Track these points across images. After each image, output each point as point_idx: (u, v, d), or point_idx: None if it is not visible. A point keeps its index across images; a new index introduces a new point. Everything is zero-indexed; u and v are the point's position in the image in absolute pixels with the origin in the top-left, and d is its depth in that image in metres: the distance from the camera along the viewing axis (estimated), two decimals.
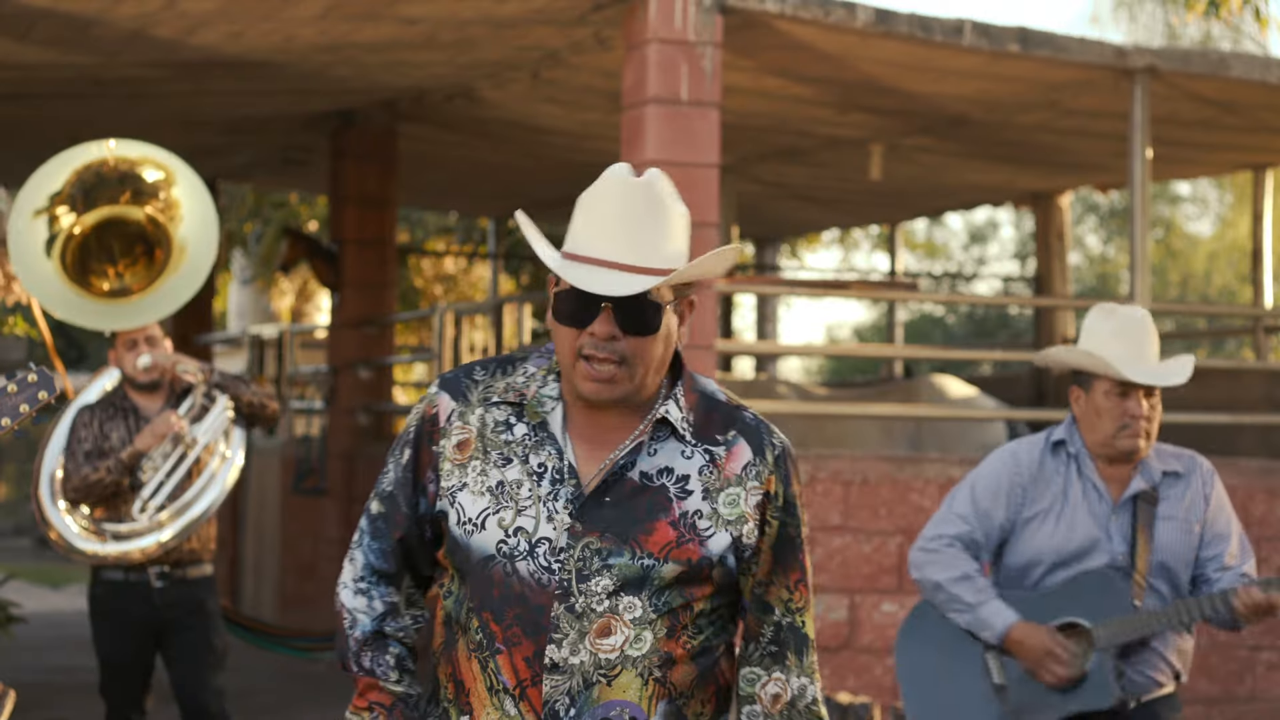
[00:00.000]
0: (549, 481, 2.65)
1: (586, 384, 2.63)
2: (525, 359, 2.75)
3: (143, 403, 6.31)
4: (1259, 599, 4.22)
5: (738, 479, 2.69)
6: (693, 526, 2.65)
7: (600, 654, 2.61)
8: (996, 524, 4.55)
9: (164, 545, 6.14)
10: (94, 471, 6.14)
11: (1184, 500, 4.45)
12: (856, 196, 13.64)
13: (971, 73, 8.95)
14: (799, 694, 2.74)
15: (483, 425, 2.70)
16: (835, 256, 31.64)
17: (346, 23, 8.41)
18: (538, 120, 10.56)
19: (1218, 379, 10.48)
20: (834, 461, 8.02)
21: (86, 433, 6.24)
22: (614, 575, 2.61)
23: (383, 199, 11.69)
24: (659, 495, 2.65)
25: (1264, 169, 11.25)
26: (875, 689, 7.93)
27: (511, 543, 2.63)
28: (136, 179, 6.53)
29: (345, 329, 11.71)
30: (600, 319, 2.60)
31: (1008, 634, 4.46)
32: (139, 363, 6.24)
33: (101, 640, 6.33)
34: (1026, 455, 4.57)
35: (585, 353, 2.62)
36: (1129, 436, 4.42)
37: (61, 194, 6.45)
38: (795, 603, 2.74)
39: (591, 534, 2.63)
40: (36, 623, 11.97)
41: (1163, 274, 28.31)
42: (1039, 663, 4.44)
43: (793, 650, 2.74)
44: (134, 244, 6.62)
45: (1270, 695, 8.40)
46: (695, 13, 7.74)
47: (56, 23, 8.26)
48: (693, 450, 2.69)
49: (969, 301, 22.78)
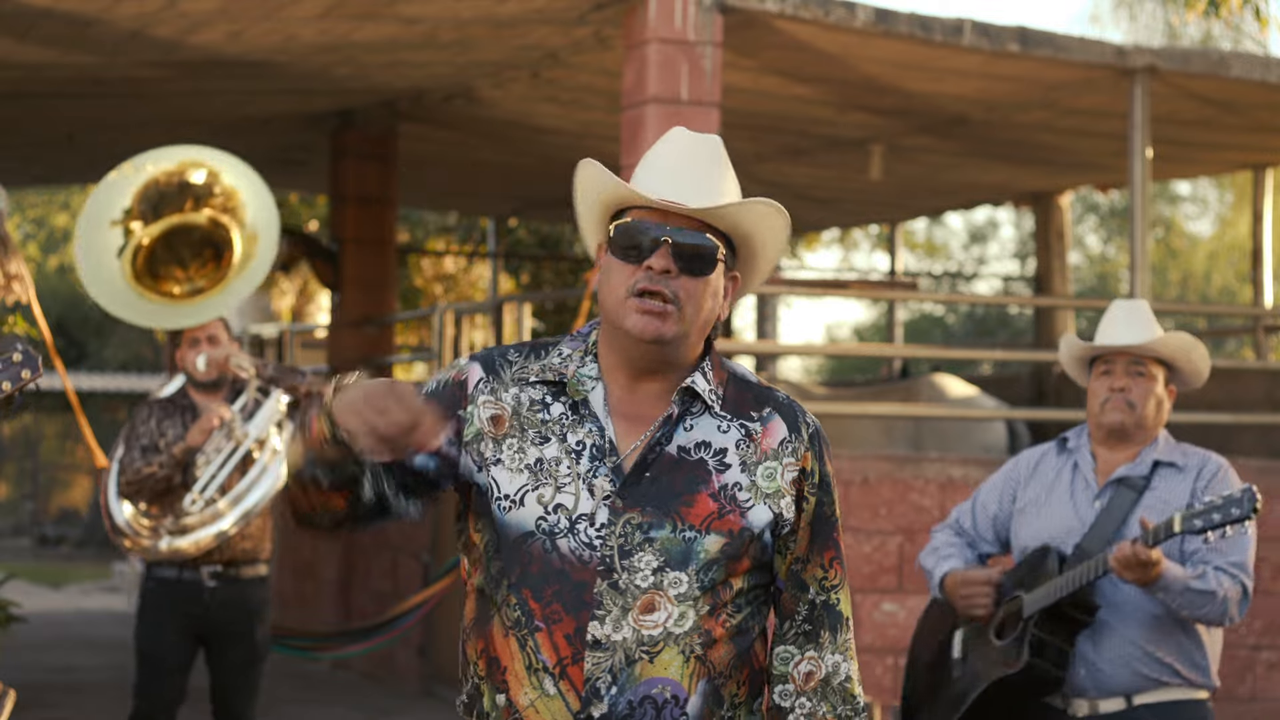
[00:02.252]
0: (588, 459, 2.66)
1: (637, 319, 2.64)
2: (558, 343, 2.77)
3: (202, 401, 6.37)
4: (1127, 552, 4.20)
5: (774, 453, 2.71)
6: (733, 498, 2.67)
7: (644, 630, 2.61)
8: (990, 515, 4.66)
9: (223, 535, 6.17)
10: (147, 466, 6.19)
11: (1170, 492, 4.45)
12: (856, 196, 13.64)
13: (971, 72, 8.95)
14: (833, 671, 2.75)
15: (518, 404, 2.70)
16: (835, 256, 31.65)
17: (346, 23, 8.41)
18: (538, 120, 10.56)
19: (1218, 379, 10.46)
20: (834, 461, 8.02)
21: (145, 428, 6.31)
22: (657, 550, 2.62)
23: (383, 199, 11.69)
24: (698, 468, 2.67)
25: (1264, 169, 11.25)
26: (875, 689, 7.93)
27: (551, 520, 2.63)
28: (189, 185, 6.73)
29: (345, 329, 11.71)
30: (659, 253, 2.65)
31: (943, 583, 4.59)
32: (199, 362, 6.32)
33: (145, 635, 6.30)
34: (1030, 454, 4.67)
35: (640, 288, 2.64)
36: (1110, 410, 4.48)
37: (132, 210, 6.68)
38: (830, 580, 2.76)
39: (632, 510, 2.63)
40: (36, 623, 11.97)
41: (1163, 274, 28.31)
42: (960, 596, 4.54)
43: (827, 628, 2.75)
44: (201, 248, 6.81)
45: (1270, 695, 8.40)
46: (695, 12, 7.74)
47: (56, 23, 8.26)
48: (728, 425, 2.71)
49: (969, 301, 22.79)
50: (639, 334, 2.65)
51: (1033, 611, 4.40)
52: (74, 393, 6.73)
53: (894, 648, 8.00)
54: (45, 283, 24.83)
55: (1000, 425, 10.42)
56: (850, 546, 7.98)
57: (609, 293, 2.68)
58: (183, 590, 6.24)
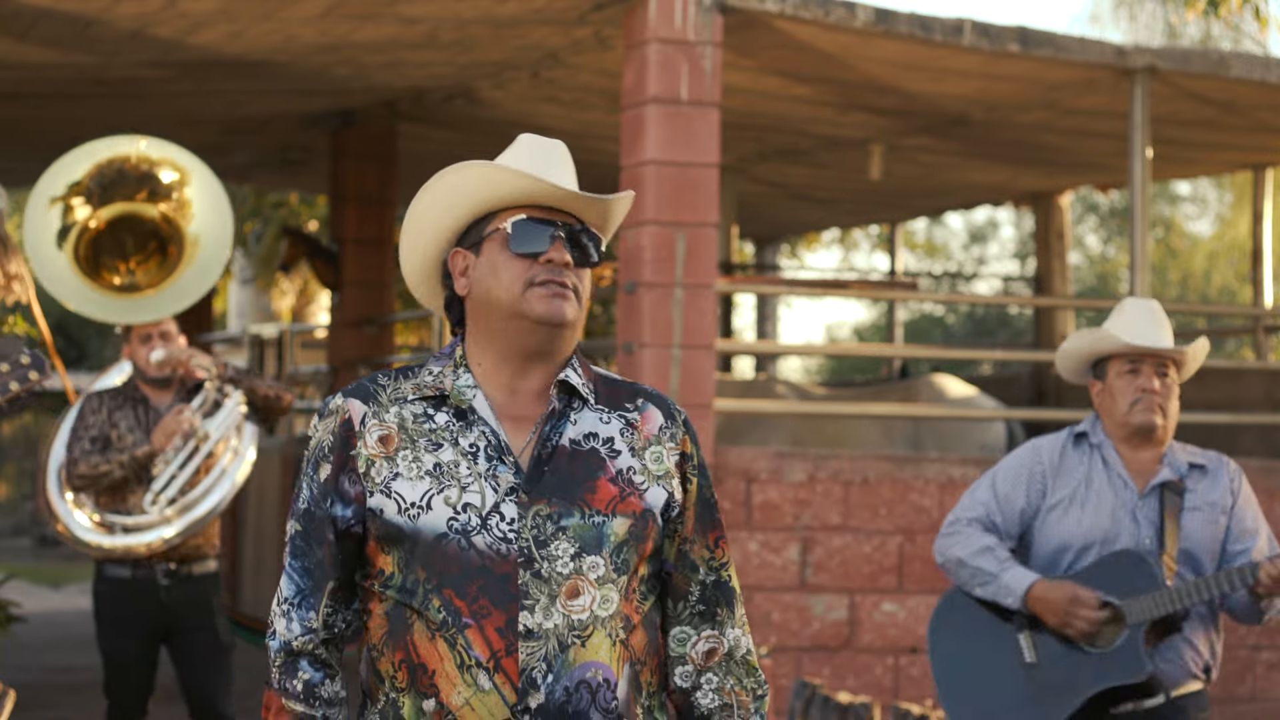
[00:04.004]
0: (484, 459, 2.70)
1: (548, 303, 2.72)
2: (423, 364, 2.82)
3: (154, 396, 6.33)
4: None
5: (656, 439, 2.79)
6: (630, 481, 2.74)
7: (573, 615, 2.65)
8: (1017, 509, 4.58)
9: (168, 541, 6.15)
10: (105, 463, 6.15)
11: (1211, 493, 4.51)
12: (856, 196, 13.64)
13: (971, 72, 8.95)
14: (735, 645, 2.82)
15: (401, 420, 2.74)
16: (835, 256, 31.65)
17: (346, 23, 8.42)
18: (538, 120, 10.56)
19: (1218, 379, 10.48)
20: (834, 461, 8.02)
21: (94, 419, 6.26)
22: (571, 537, 2.67)
23: (383, 199, 11.70)
24: (592, 457, 2.74)
25: (1264, 169, 11.25)
26: (875, 689, 7.93)
27: (462, 519, 2.67)
28: (154, 178, 6.64)
29: (345, 329, 11.72)
30: (555, 246, 2.75)
31: (1029, 592, 4.47)
32: (152, 357, 6.27)
33: (106, 638, 6.30)
34: (1048, 446, 4.62)
35: (542, 279, 2.73)
36: (1142, 410, 4.48)
37: (80, 184, 6.55)
38: (718, 559, 2.83)
39: (539, 501, 2.68)
40: (36, 623, 11.97)
41: (1163, 274, 28.30)
42: (1065, 612, 4.44)
43: (723, 605, 2.82)
44: (147, 241, 6.71)
45: (1270, 695, 8.40)
46: (695, 12, 7.74)
47: (56, 23, 8.26)
48: (608, 416, 2.79)
49: (969, 301, 22.78)
50: (550, 317, 2.72)
51: (1143, 619, 4.39)
52: (74, 393, 6.72)
53: (894, 647, 8.01)
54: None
55: (999, 425, 10.42)
56: (850, 546, 7.98)
57: (503, 290, 2.74)
58: (137, 588, 6.23)
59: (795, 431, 9.87)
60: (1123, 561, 4.44)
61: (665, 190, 7.68)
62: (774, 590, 7.85)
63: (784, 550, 7.90)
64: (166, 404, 6.31)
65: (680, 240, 7.72)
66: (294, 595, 2.76)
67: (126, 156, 6.58)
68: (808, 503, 7.93)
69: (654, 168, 7.69)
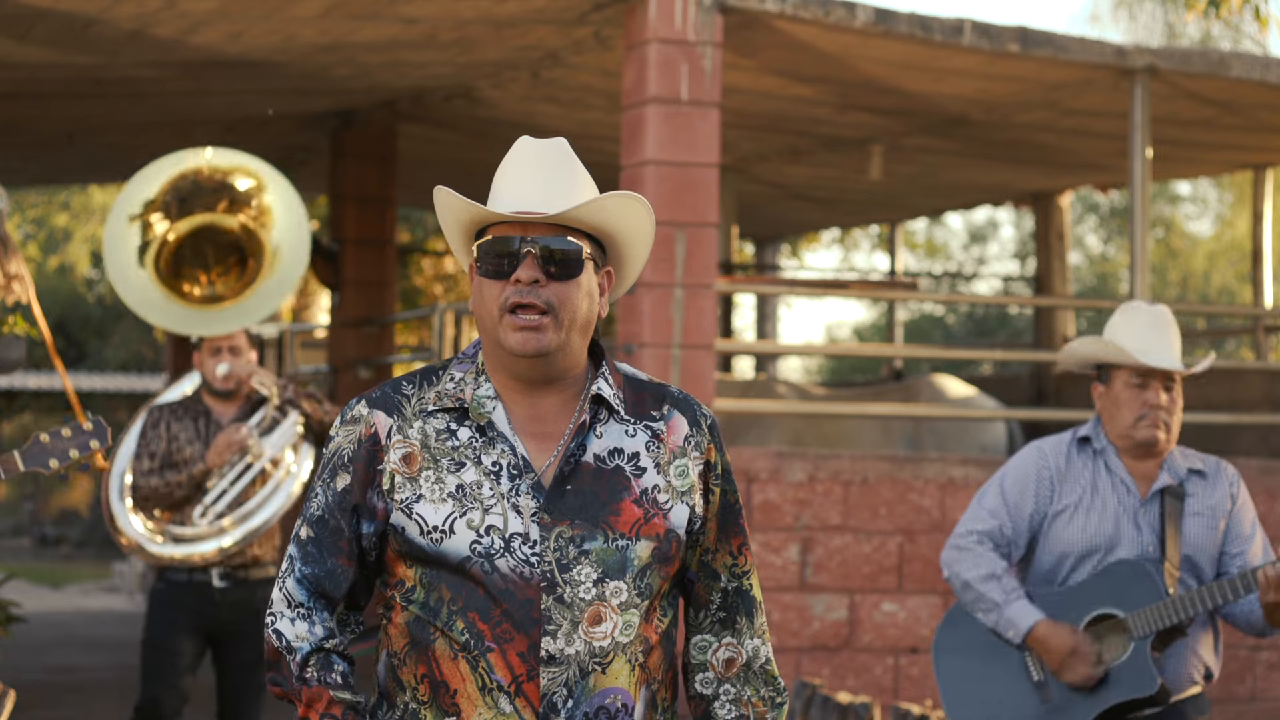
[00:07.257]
0: (507, 478, 2.67)
1: (514, 335, 2.66)
2: (446, 367, 2.78)
3: (217, 408, 6.42)
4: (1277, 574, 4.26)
5: (681, 450, 2.75)
6: (654, 501, 2.70)
7: (594, 642, 2.64)
8: (1026, 515, 4.57)
9: (224, 551, 6.26)
10: (164, 485, 6.26)
11: (1210, 498, 4.51)
12: (856, 196, 13.65)
13: (971, 72, 8.95)
14: (753, 655, 2.81)
15: (425, 436, 2.71)
16: (835, 256, 31.65)
17: (346, 23, 8.42)
18: (537, 120, 10.56)
19: (1218, 379, 10.48)
20: (834, 461, 8.02)
21: (154, 434, 6.35)
22: (594, 562, 2.65)
23: (382, 199, 11.70)
24: (617, 476, 2.70)
25: (1264, 169, 11.25)
26: (875, 689, 7.93)
27: (485, 542, 2.65)
28: (230, 187, 6.76)
29: (345, 329, 11.72)
30: (524, 264, 2.66)
31: (1032, 632, 4.48)
32: (217, 370, 6.37)
33: (154, 626, 6.32)
34: (1053, 450, 4.60)
35: (511, 303, 2.66)
36: (1147, 426, 4.47)
37: (155, 201, 6.68)
38: (741, 566, 2.81)
39: (561, 523, 2.66)
40: (36, 623, 11.96)
41: (1163, 274, 28.30)
42: (1062, 662, 4.45)
43: (743, 614, 2.81)
44: (228, 252, 6.84)
45: (1270, 695, 8.40)
46: (695, 12, 7.74)
47: (56, 23, 8.26)
48: (634, 428, 2.74)
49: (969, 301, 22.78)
50: (520, 351, 2.66)
51: (1149, 631, 4.39)
52: (74, 393, 6.72)
53: (894, 648, 8.01)
54: (45, 283, 24.83)
55: (999, 425, 10.42)
56: (850, 547, 7.98)
57: (485, 313, 2.70)
58: (192, 590, 6.31)
59: (795, 431, 9.87)
60: (1125, 571, 4.44)
61: (665, 190, 7.69)
62: (774, 590, 7.85)
63: (784, 550, 7.91)
64: (230, 417, 6.41)
65: (680, 240, 7.72)
66: (308, 600, 2.75)
67: (198, 169, 6.72)
68: (808, 503, 7.93)
69: (654, 168, 7.70)
